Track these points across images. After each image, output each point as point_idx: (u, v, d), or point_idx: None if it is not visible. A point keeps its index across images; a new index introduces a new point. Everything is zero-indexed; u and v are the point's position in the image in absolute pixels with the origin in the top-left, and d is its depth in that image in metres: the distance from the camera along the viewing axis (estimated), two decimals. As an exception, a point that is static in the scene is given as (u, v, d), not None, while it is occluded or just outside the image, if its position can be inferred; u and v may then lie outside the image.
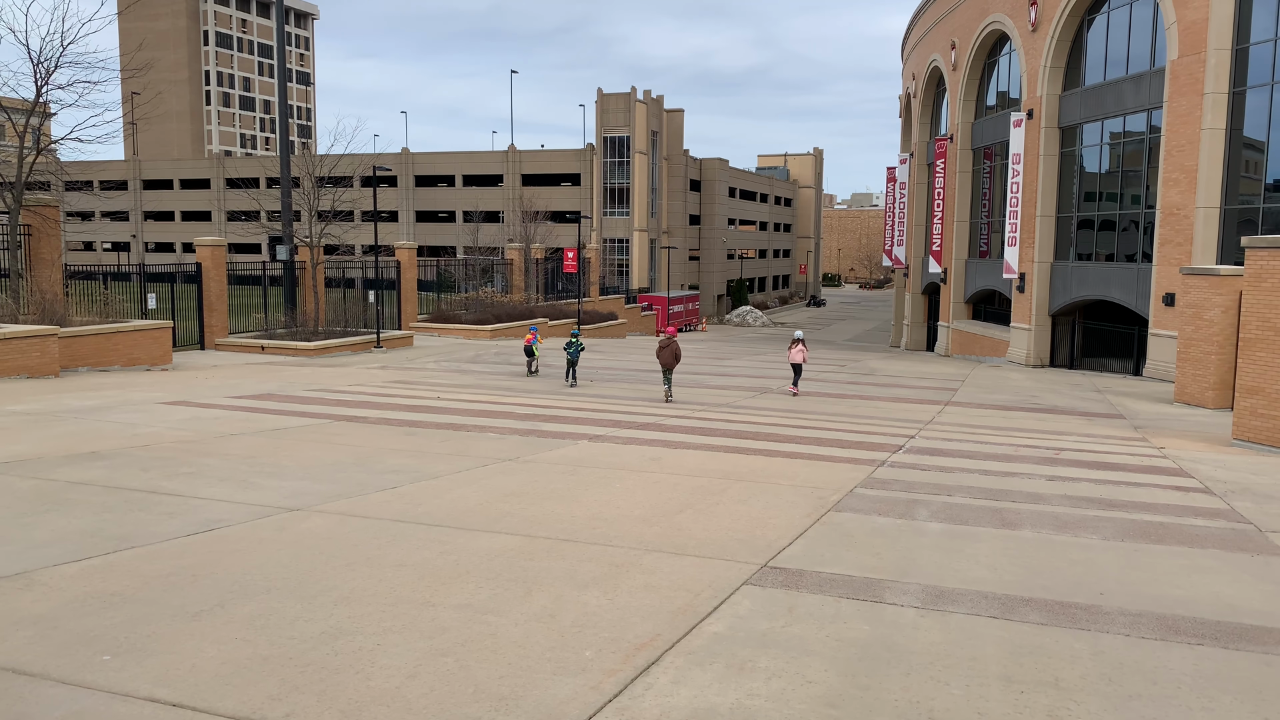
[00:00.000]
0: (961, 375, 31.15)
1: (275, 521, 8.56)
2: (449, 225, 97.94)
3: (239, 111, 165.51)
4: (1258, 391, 15.61)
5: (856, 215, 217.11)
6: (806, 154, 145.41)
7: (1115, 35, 34.73)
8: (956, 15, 47.79)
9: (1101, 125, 35.72)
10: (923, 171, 55.84)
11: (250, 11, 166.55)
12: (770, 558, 7.80)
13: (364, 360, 27.15)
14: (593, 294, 54.63)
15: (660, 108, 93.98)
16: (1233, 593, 7.30)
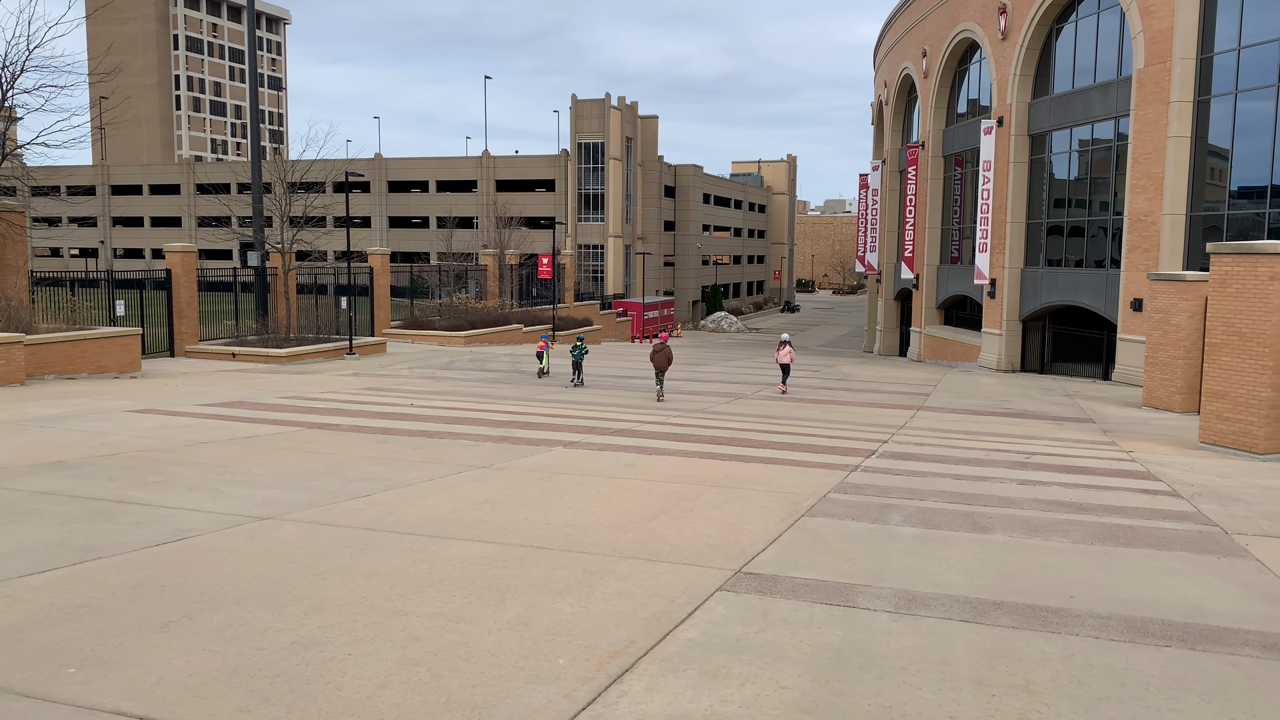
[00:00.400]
0: (934, 380, 31.39)
1: (245, 531, 8.48)
2: (423, 231, 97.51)
3: (209, 116, 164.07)
4: (1223, 395, 15.83)
5: (830, 222, 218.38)
6: (780, 161, 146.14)
7: (1083, 44, 35.20)
8: (927, 23, 48.25)
9: (1070, 133, 36.16)
10: (895, 178, 56.28)
11: (221, 16, 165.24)
12: (744, 563, 7.81)
13: (336, 367, 26.95)
14: (568, 300, 54.57)
15: (635, 114, 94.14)
16: (1199, 595, 7.39)
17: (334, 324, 32.42)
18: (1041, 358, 38.17)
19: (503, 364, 30.32)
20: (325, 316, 32.72)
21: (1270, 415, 15.05)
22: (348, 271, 32.31)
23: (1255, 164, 28.15)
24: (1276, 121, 27.17)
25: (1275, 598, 7.40)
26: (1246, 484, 12.48)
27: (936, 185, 48.20)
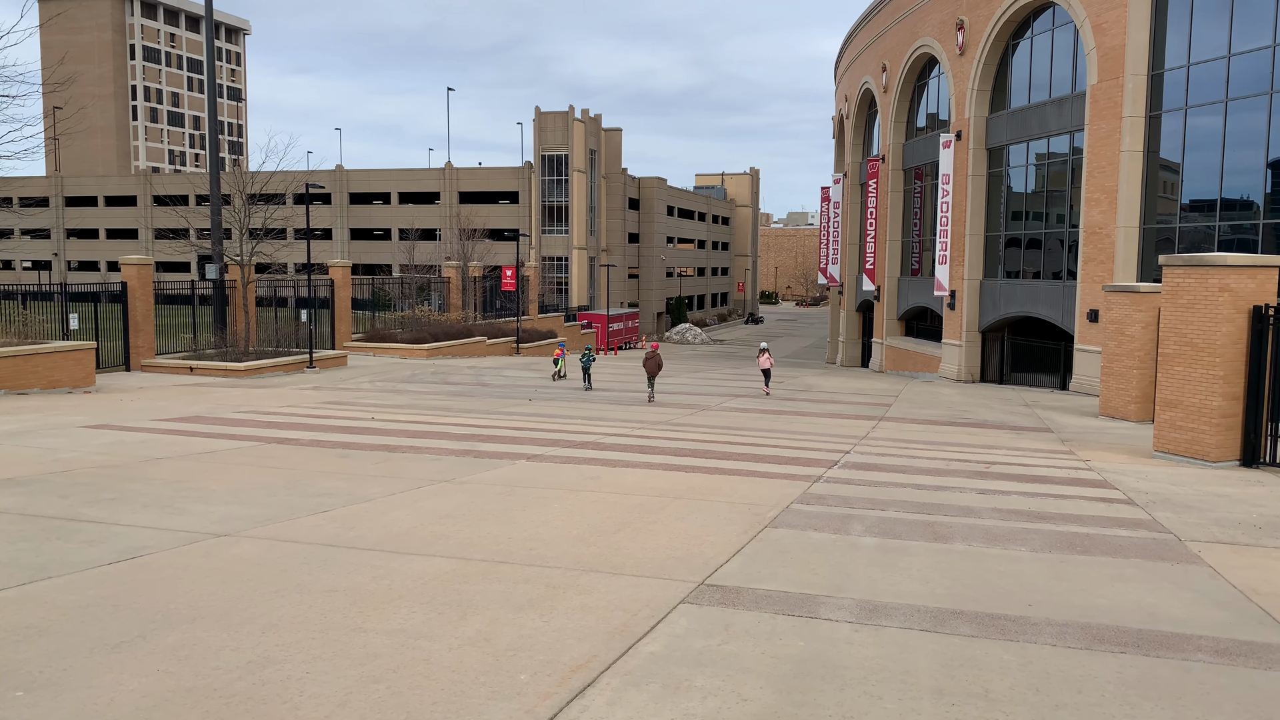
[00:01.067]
0: (895, 391, 31.68)
1: (202, 548, 8.34)
2: (384, 243, 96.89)
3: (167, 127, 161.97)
4: (1176, 405, 16.13)
5: (793, 234, 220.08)
6: (743, 173, 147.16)
7: (1039, 60, 35.86)
8: (887, 39, 48.90)
9: (1027, 147, 36.79)
10: (856, 191, 56.88)
11: (179, 26, 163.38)
12: (707, 575, 7.82)
13: (296, 381, 26.64)
14: (531, 312, 54.45)
15: (598, 126, 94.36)
16: (1154, 601, 7.51)
17: (294, 337, 32.08)
18: (1001, 368, 38.69)
19: (466, 377, 30.15)
20: (285, 329, 32.36)
21: (1221, 424, 15.35)
22: (308, 284, 32.00)
23: (1205, 177, 28.81)
24: (1224, 137, 27.84)
25: (1226, 603, 7.53)
26: (1199, 491, 12.72)
27: (897, 198, 48.78)
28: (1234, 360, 15.26)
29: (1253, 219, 27.22)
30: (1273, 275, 15.54)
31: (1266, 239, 26.60)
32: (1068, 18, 33.22)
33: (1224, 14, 27.57)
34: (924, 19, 43.22)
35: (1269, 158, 26.70)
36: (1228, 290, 15.23)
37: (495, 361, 38.84)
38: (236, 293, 33.16)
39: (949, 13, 40.38)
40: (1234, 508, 11.54)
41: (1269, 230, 26.59)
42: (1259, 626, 6.99)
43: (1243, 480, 13.87)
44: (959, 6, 39.45)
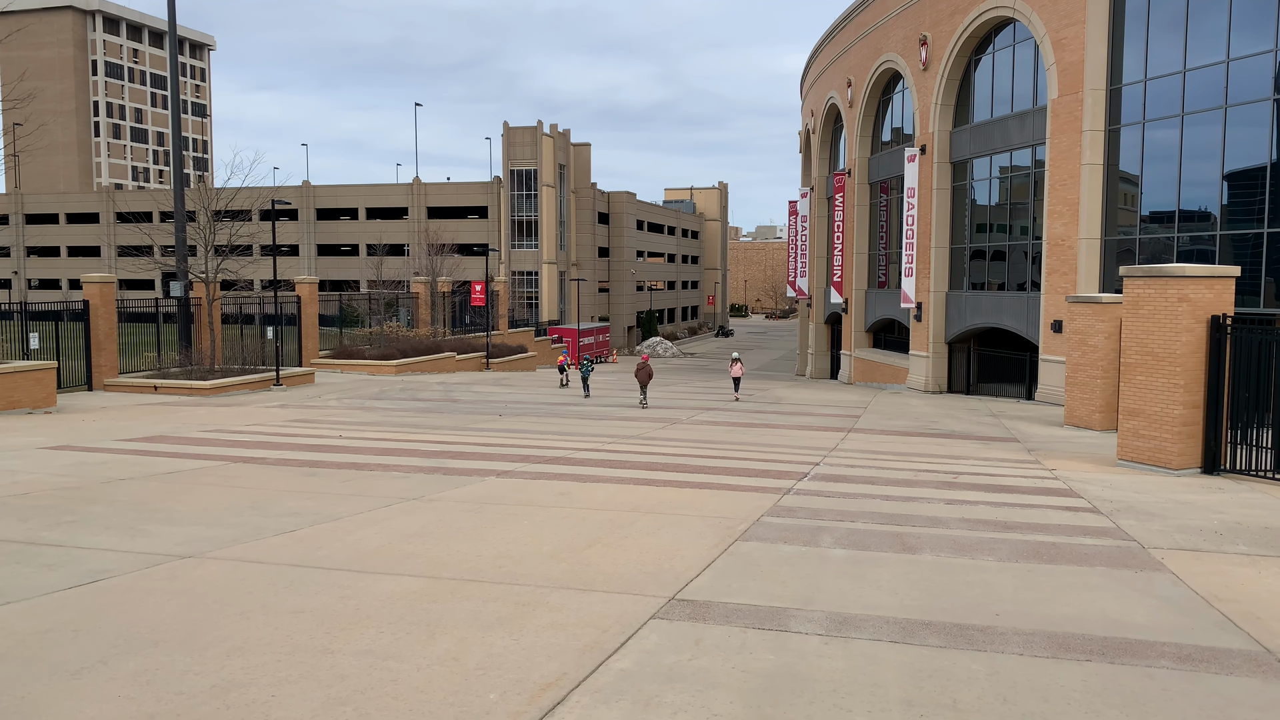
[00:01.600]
0: (864, 402, 31.89)
1: (165, 570, 8.21)
2: (352, 259, 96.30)
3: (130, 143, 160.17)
4: (1139, 413, 16.36)
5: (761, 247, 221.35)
6: (712, 188, 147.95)
7: (1000, 75, 36.41)
8: (851, 55, 49.44)
9: (990, 160, 37.30)
10: (823, 205, 57.35)
11: (142, 41, 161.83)
12: (678, 590, 7.81)
13: (263, 399, 26.36)
14: (501, 327, 54.30)
15: (567, 141, 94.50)
16: (1118, 609, 7.60)
17: (260, 354, 31.75)
18: (967, 379, 39.08)
19: (435, 393, 29.98)
20: (251, 347, 32.02)
21: (1183, 432, 15.60)
22: (275, 301, 31.71)
23: (1164, 190, 29.34)
24: (1182, 150, 28.38)
25: (1189, 610, 7.64)
26: (1162, 499, 12.90)
27: (863, 212, 49.23)
28: (1194, 369, 15.52)
29: (1211, 230, 27.75)
30: (1230, 285, 15.84)
31: (1224, 250, 27.12)
32: (1028, 34, 33.77)
33: (1179, 30, 28.16)
34: (888, 35, 43.77)
35: (1224, 170, 27.25)
36: (1187, 301, 15.50)
37: (465, 377, 38.67)
38: (202, 310, 32.80)
39: (912, 29, 40.92)
40: (1196, 514, 11.72)
41: (1226, 241, 27.12)
42: (1220, 632, 7.09)
43: (1204, 487, 14.09)
44: (922, 23, 39.99)
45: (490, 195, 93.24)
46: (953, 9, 37.45)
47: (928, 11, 39.50)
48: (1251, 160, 26.47)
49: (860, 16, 47.93)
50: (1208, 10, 27.34)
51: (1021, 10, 33.26)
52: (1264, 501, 12.88)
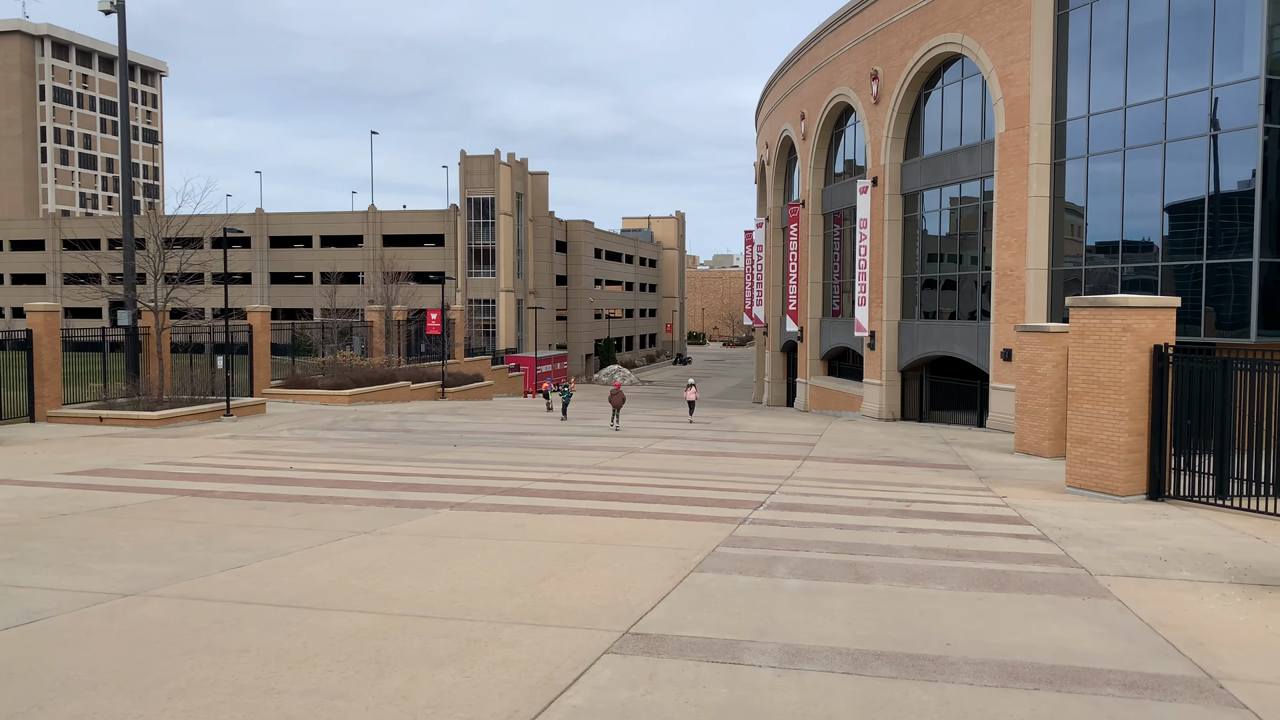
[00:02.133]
0: (819, 430, 32.13)
1: (106, 609, 8.00)
2: (306, 287, 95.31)
3: (78, 170, 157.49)
4: (1086, 441, 16.68)
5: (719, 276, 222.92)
6: (669, 217, 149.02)
7: (950, 109, 37.22)
8: (805, 88, 50.27)
9: (940, 192, 38.03)
10: (778, 235, 58.00)
11: (92, 67, 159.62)
12: (632, 624, 7.78)
13: (213, 430, 25.90)
14: (457, 355, 53.97)
15: (525, 170, 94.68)
16: (1066, 637, 7.71)
17: (210, 384, 31.22)
18: (920, 406, 39.56)
19: (389, 423, 29.67)
20: (201, 376, 31.48)
21: (1129, 459, 15.92)
22: (226, 329, 31.25)
23: (1108, 221, 30.12)
24: (1124, 182, 29.19)
25: (1134, 637, 7.77)
26: (1109, 526, 13.13)
27: (817, 241, 49.86)
28: (1138, 397, 15.88)
29: (1153, 260, 28.50)
30: (1171, 316, 16.27)
31: (1166, 280, 27.86)
32: (976, 69, 34.61)
33: (1119, 68, 29.04)
34: (840, 69, 44.59)
35: (1165, 202, 28.05)
36: (1130, 330, 15.88)
37: (420, 406, 38.33)
38: (150, 339, 32.21)
39: (864, 63, 41.74)
40: (1141, 541, 11.94)
41: (1168, 272, 27.86)
42: (1164, 659, 7.22)
43: (1149, 514, 14.38)
44: (873, 57, 40.81)
45: (447, 223, 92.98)
46: (903, 44, 38.28)
47: (879, 47, 40.33)
48: (1190, 193, 27.29)
49: (813, 51, 48.80)
50: (1146, 49, 28.24)
51: (969, 47, 34.10)
52: (1206, 527, 13.17)
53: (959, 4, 34.57)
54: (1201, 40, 26.59)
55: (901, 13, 38.25)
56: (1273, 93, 25.29)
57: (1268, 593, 9.36)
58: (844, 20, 43.98)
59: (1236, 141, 25.93)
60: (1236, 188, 26.17)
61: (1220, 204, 26.48)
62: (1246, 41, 25.60)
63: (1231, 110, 25.97)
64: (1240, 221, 25.95)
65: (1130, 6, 28.66)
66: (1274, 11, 25.22)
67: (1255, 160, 25.32)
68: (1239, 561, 10.79)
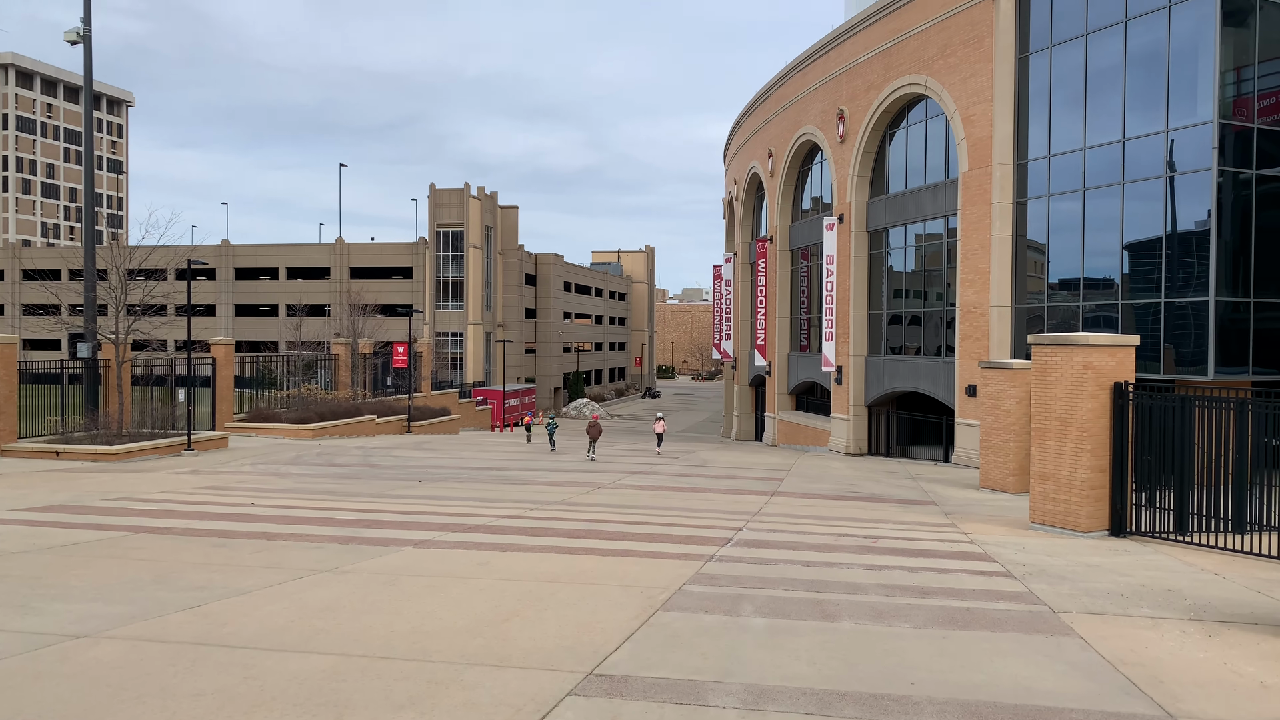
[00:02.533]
0: (787, 465, 32.19)
1: (57, 651, 7.80)
2: (271, 319, 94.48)
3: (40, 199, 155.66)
4: (1049, 477, 16.84)
5: (688, 310, 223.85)
6: (639, 251, 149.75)
7: (914, 148, 37.85)
8: (772, 126, 50.92)
9: (905, 229, 38.54)
10: (746, 270, 58.42)
11: (57, 96, 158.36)
12: (596, 665, 7.70)
13: (173, 464, 25.47)
14: (424, 389, 53.61)
15: (494, 203, 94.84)
16: (1029, 674, 7.72)
17: (171, 418, 30.75)
18: (887, 441, 39.80)
19: (354, 458, 29.34)
20: (162, 410, 31.00)
21: (1091, 495, 16.08)
22: (188, 362, 30.85)
23: (1070, 259, 30.65)
24: (1084, 221, 29.75)
25: (1095, 675, 7.80)
26: (1072, 562, 13.23)
27: (785, 277, 50.27)
28: (1099, 434, 16.07)
29: (1114, 298, 29.00)
30: (1130, 354, 16.53)
31: (1126, 318, 28.35)
32: (940, 110, 35.26)
33: (1079, 110, 29.71)
34: (806, 108, 45.25)
35: (1124, 241, 28.61)
36: (1091, 368, 16.10)
37: (385, 441, 37.97)
38: (110, 372, 31.72)
39: (830, 103, 42.39)
40: (1103, 578, 12.03)
41: (1129, 310, 28.36)
42: (1125, 697, 7.25)
43: (1111, 550, 14.51)
44: (839, 97, 41.46)
45: (415, 256, 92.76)
46: (868, 85, 38.95)
47: (844, 87, 41.00)
48: (1149, 233, 27.87)
49: (780, 90, 49.51)
50: (1105, 92, 28.94)
51: (933, 88, 34.76)
52: (1166, 564, 13.30)
53: (922, 46, 35.28)
54: (1157, 85, 27.31)
55: (866, 54, 38.97)
56: (1226, 136, 25.99)
57: (1226, 629, 9.46)
58: (811, 60, 44.72)
59: (1192, 183, 26.57)
60: (1193, 227, 26.78)
61: (1178, 243, 27.07)
62: (1200, 86, 26.33)
63: (1187, 153, 26.63)
64: (1197, 260, 26.52)
65: (1089, 51, 29.40)
66: (1226, 57, 26.00)
67: (1210, 202, 25.94)
68: (1199, 598, 10.90)
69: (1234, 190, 26.28)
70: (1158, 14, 27.22)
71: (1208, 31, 25.98)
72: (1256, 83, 26.65)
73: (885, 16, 37.64)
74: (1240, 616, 10.02)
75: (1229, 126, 26.04)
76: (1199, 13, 26.23)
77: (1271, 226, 26.53)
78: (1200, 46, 26.33)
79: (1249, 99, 26.53)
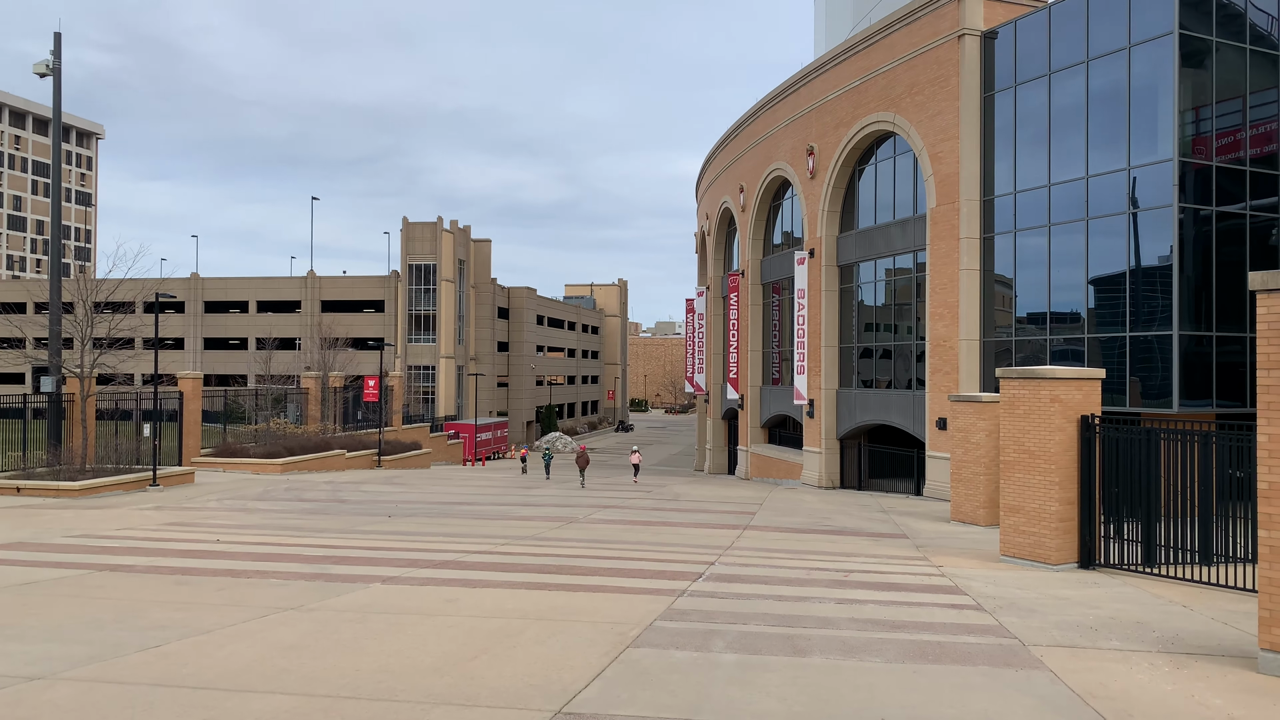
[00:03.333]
0: (759, 499, 32.16)
1: (9, 694, 7.59)
2: (240, 353, 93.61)
3: (7, 231, 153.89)
4: (1019, 510, 16.93)
5: (661, 343, 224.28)
6: (612, 284, 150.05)
7: (883, 184, 38.35)
8: (743, 162, 51.45)
9: (875, 264, 38.94)
10: (718, 304, 58.71)
11: (25, 128, 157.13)
12: (565, 703, 7.60)
13: (137, 500, 25.05)
14: (395, 423, 53.21)
15: (467, 237, 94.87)
16: (998, 710, 7.71)
17: (137, 453, 30.28)
18: (859, 474, 39.90)
19: (322, 493, 28.99)
20: (127, 445, 30.52)
21: (1060, 528, 16.18)
22: (154, 396, 30.45)
23: (1036, 293, 31.07)
24: (1050, 256, 30.21)
25: (1064, 709, 7.80)
26: (1042, 595, 13.28)
27: (757, 311, 50.55)
28: (1067, 467, 16.20)
29: (1080, 332, 29.40)
30: (1096, 387, 16.72)
31: (1093, 351, 28.72)
32: (908, 146, 35.79)
33: (1043, 148, 30.28)
34: (777, 144, 45.78)
35: (1089, 275, 29.07)
36: (1058, 401, 16.26)
37: (355, 476, 37.58)
38: (75, 406, 31.24)
39: (800, 139, 42.93)
40: (1072, 610, 12.08)
41: (1095, 343, 28.74)
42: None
43: (1080, 582, 14.58)
44: (809, 134, 42.01)
45: (387, 289, 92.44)
46: (837, 121, 39.50)
47: (814, 124, 41.56)
48: (1113, 267, 28.34)
49: (751, 126, 50.09)
50: (1068, 131, 29.53)
51: (901, 125, 35.30)
52: (1134, 595, 13.38)
53: (890, 84, 35.87)
54: (1119, 123, 27.91)
55: (835, 92, 39.55)
56: (1186, 174, 26.55)
57: (1194, 661, 9.51)
58: (781, 98, 45.32)
59: (1154, 219, 27.09)
60: (1156, 262, 27.26)
61: (1142, 278, 27.53)
62: (1160, 125, 26.93)
63: (1149, 190, 27.17)
64: (1161, 294, 26.97)
65: (1052, 90, 30.02)
66: (1185, 97, 26.63)
67: (1172, 237, 26.45)
68: (1167, 630, 10.96)
69: (1195, 226, 26.82)
70: (1118, 55, 27.88)
71: (1167, 72, 26.64)
72: (1214, 122, 27.31)
73: (854, 55, 38.27)
74: (1208, 648, 10.08)
75: (1189, 164, 26.62)
76: (1158, 54, 26.90)
77: (1232, 261, 27.07)
78: (1160, 86, 26.97)
79: (1207, 137, 27.17)
